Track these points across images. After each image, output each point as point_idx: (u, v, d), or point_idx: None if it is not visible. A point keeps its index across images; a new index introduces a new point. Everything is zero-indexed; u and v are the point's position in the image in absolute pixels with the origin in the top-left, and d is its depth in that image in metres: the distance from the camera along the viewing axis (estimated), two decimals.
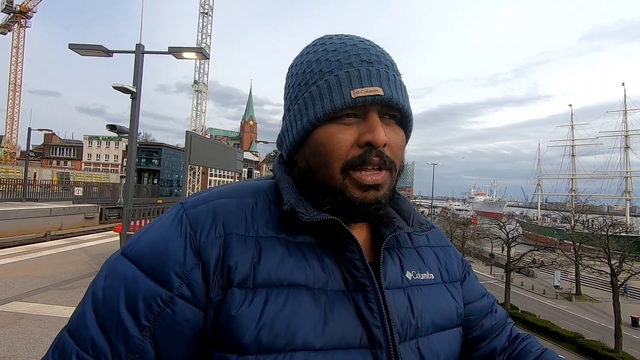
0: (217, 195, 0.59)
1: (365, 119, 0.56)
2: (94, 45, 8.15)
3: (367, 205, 0.56)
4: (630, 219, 48.94)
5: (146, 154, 32.21)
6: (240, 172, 13.49)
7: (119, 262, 0.54)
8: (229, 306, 0.49)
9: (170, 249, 0.52)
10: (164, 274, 0.50)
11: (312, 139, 0.57)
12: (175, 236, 0.53)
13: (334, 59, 0.57)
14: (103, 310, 0.50)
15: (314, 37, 0.64)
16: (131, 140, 8.27)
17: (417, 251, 0.69)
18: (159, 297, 0.50)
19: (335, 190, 0.56)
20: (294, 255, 0.55)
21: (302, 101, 0.58)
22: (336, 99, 0.54)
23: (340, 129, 0.55)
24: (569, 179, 61.28)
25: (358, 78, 0.55)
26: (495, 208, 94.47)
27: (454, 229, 35.11)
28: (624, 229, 32.07)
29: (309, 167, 0.59)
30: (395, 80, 0.57)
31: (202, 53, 8.54)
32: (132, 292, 0.50)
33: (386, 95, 0.55)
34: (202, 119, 31.29)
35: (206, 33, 31.07)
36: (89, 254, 9.30)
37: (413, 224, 0.65)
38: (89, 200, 23.12)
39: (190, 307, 0.50)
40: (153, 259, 0.52)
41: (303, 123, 0.57)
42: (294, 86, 0.61)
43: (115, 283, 0.52)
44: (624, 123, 53.75)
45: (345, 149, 0.55)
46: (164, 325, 0.49)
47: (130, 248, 0.55)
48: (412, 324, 0.58)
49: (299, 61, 0.62)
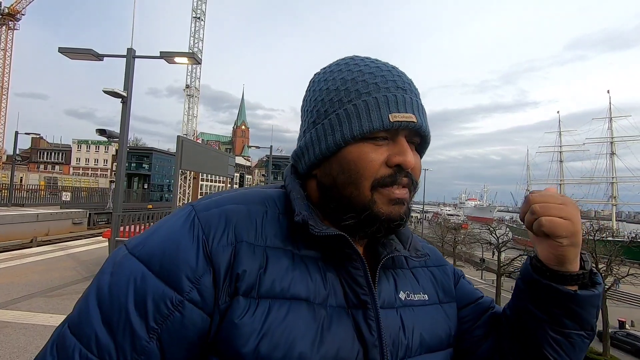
0: (228, 200, 0.59)
1: (394, 142, 0.58)
2: (84, 49, 8.07)
3: (392, 220, 0.58)
4: (616, 224, 49.86)
5: (136, 159, 31.90)
6: (232, 177, 13.41)
7: (127, 260, 0.53)
8: (233, 314, 0.50)
9: (182, 252, 0.51)
10: (175, 277, 0.50)
11: (342, 156, 0.58)
12: (188, 239, 0.52)
13: (371, 81, 0.59)
14: (109, 307, 0.49)
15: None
16: (121, 145, 8.18)
17: (412, 272, 0.69)
18: (168, 300, 0.49)
19: (362, 206, 0.57)
20: (298, 268, 0.55)
21: (334, 117, 0.59)
22: (375, 119, 0.56)
23: (373, 149, 0.57)
24: (557, 185, 62.28)
25: (395, 103, 0.57)
26: (485, 213, 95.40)
27: (445, 234, 35.34)
28: (610, 233, 32.64)
29: (334, 182, 0.59)
30: (423, 110, 0.61)
31: (194, 58, 8.52)
32: (141, 292, 0.49)
33: (418, 123, 0.58)
34: (194, 124, 31.11)
35: (198, 38, 31.01)
36: (77, 260, 9.12)
37: (410, 248, 0.66)
38: (77, 206, 22.75)
39: (198, 312, 0.50)
40: (164, 260, 0.51)
41: (336, 139, 0.58)
42: (324, 101, 0.61)
43: (123, 281, 0.50)
44: (610, 130, 55.09)
45: (377, 168, 0.57)
46: (171, 328, 0.49)
47: (140, 247, 0.54)
48: (402, 344, 0.59)
49: (330, 77, 0.62)
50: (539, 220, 0.55)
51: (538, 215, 0.55)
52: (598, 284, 0.59)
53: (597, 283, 0.59)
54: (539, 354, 0.61)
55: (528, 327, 0.62)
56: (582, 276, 0.58)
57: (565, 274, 0.57)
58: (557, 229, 0.54)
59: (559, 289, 0.57)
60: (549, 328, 0.60)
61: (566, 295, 0.57)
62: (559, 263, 0.57)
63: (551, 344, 0.60)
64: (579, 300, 0.57)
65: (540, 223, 0.55)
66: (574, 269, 0.57)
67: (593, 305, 0.58)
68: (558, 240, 0.55)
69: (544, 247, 0.58)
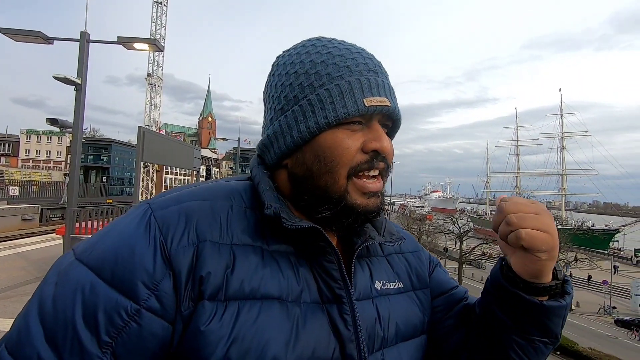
0: (189, 196, 0.55)
1: (369, 127, 0.57)
2: (32, 30, 7.43)
3: (369, 212, 0.57)
4: (565, 213, 53.85)
5: (94, 150, 30.14)
6: (198, 170, 13.02)
7: (74, 268, 0.48)
8: (198, 321, 0.46)
9: (137, 256, 0.47)
10: (129, 284, 0.46)
11: (317, 144, 0.55)
12: (143, 241, 0.48)
13: (342, 64, 0.56)
14: (53, 323, 0.44)
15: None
16: (75, 135, 7.67)
17: (387, 259, 0.69)
18: (123, 310, 0.45)
19: (337, 197, 0.55)
20: (269, 265, 0.53)
21: (306, 103, 0.56)
22: (350, 105, 0.54)
23: (348, 135, 0.55)
24: (514, 177, 66.23)
25: (369, 87, 0.55)
26: (448, 204, 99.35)
27: (411, 225, 36.50)
28: (560, 222, 35.17)
29: (310, 172, 0.56)
30: (394, 92, 0.60)
31: (155, 45, 8.10)
32: (90, 304, 0.45)
33: (392, 107, 0.57)
34: (157, 114, 29.76)
35: (160, 24, 29.53)
36: (27, 259, 8.51)
37: (384, 234, 0.65)
38: (27, 201, 21.18)
39: (158, 320, 0.46)
40: (117, 266, 0.47)
41: (309, 126, 0.55)
42: (292, 85, 0.58)
43: (69, 292, 0.46)
44: (561, 126, 59.12)
45: (353, 154, 0.55)
46: (127, 341, 0.45)
47: (88, 253, 0.49)
48: (379, 335, 0.58)
49: (297, 60, 0.59)
50: (518, 233, 0.51)
51: (515, 227, 0.51)
52: (567, 293, 0.57)
53: (567, 293, 0.57)
54: (503, 354, 0.61)
55: (493, 328, 0.61)
56: (554, 287, 0.55)
57: (537, 286, 0.55)
58: (537, 244, 0.51)
59: (527, 299, 0.55)
60: (513, 332, 0.59)
61: (533, 306, 0.55)
62: (534, 276, 0.54)
63: (514, 347, 0.59)
64: (545, 311, 0.55)
65: (519, 236, 0.51)
66: (547, 280, 0.55)
67: (559, 316, 0.56)
68: (537, 255, 0.52)
69: (518, 259, 0.54)
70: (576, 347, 15.07)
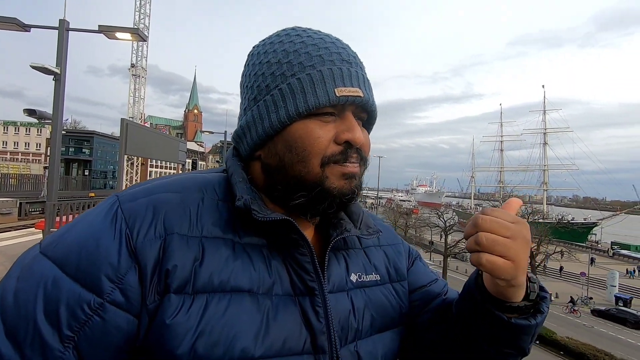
0: (159, 188, 0.54)
1: (341, 118, 0.56)
2: (6, 17, 7.13)
3: (344, 194, 0.56)
4: (547, 207, 55.34)
5: (75, 143, 29.25)
6: (183, 163, 12.83)
7: (37, 262, 0.47)
8: (164, 314, 0.46)
9: (102, 249, 0.47)
10: (93, 277, 0.45)
11: (288, 134, 0.55)
12: (109, 234, 0.48)
13: (315, 53, 0.56)
14: (14, 318, 0.44)
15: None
16: (55, 127, 7.44)
17: (365, 252, 0.68)
18: (85, 304, 0.44)
19: (313, 183, 0.54)
20: (240, 258, 0.52)
21: (277, 92, 0.55)
22: (320, 94, 0.53)
23: (319, 125, 0.55)
24: (498, 172, 67.64)
25: (341, 77, 0.55)
26: (434, 198, 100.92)
27: (398, 218, 36.97)
28: (541, 216, 36.15)
29: (282, 162, 0.56)
30: (369, 84, 0.59)
31: (138, 34, 7.88)
32: (52, 298, 0.44)
33: (364, 98, 0.56)
34: (141, 106, 29.12)
35: (144, 13, 28.77)
36: (4, 254, 8.26)
37: (361, 226, 0.64)
38: (4, 194, 20.50)
39: (123, 314, 0.46)
40: (81, 259, 0.46)
41: (280, 116, 0.55)
42: (264, 75, 0.57)
43: (31, 286, 0.45)
44: (544, 122, 60.51)
45: (325, 145, 0.54)
46: (91, 335, 0.44)
47: (53, 246, 0.48)
48: (352, 327, 0.58)
49: (271, 49, 0.58)
50: (479, 257, 0.48)
51: (481, 249, 0.48)
52: (540, 312, 0.55)
53: (540, 312, 0.55)
54: (476, 356, 0.61)
55: (466, 331, 0.61)
56: (524, 308, 0.54)
57: (505, 304, 0.54)
58: (497, 273, 0.48)
59: (495, 313, 0.54)
60: (482, 339, 0.59)
61: (500, 321, 0.54)
62: (500, 295, 0.54)
63: (483, 352, 0.60)
64: (512, 329, 0.54)
65: (479, 262, 0.48)
66: (515, 300, 0.54)
67: (527, 334, 0.56)
68: (497, 280, 0.51)
69: (485, 275, 0.54)
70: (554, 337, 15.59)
